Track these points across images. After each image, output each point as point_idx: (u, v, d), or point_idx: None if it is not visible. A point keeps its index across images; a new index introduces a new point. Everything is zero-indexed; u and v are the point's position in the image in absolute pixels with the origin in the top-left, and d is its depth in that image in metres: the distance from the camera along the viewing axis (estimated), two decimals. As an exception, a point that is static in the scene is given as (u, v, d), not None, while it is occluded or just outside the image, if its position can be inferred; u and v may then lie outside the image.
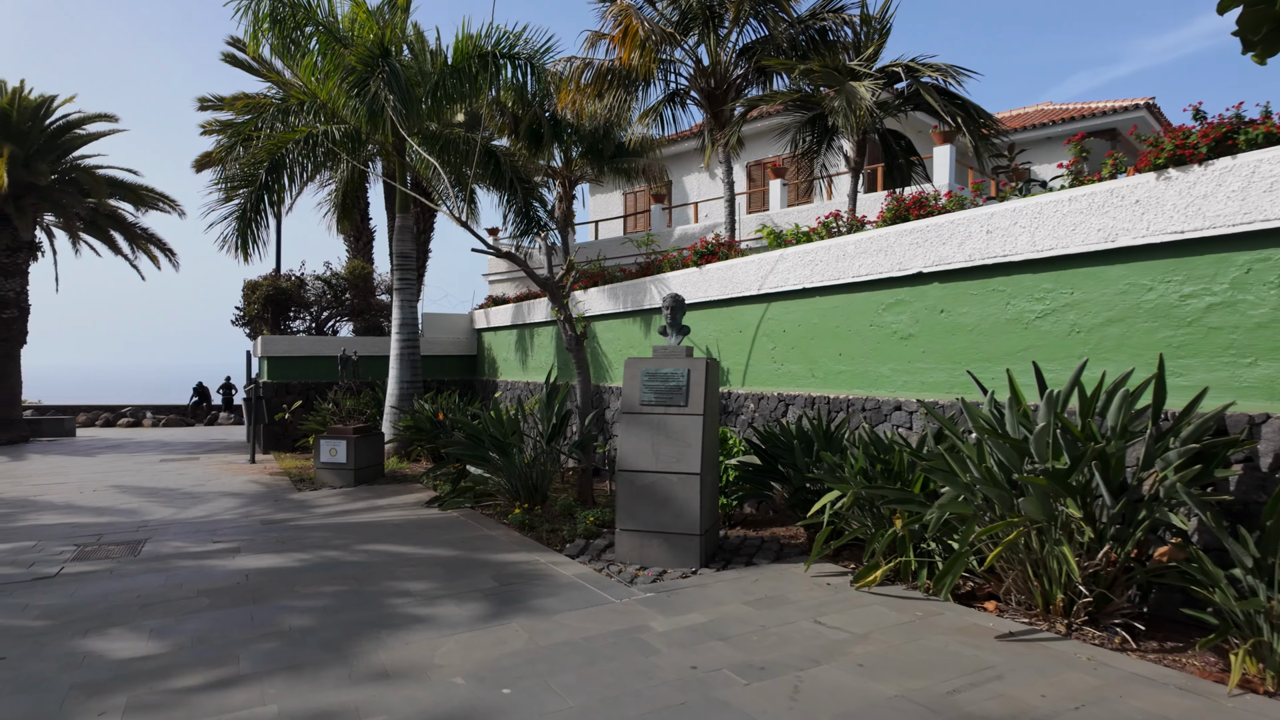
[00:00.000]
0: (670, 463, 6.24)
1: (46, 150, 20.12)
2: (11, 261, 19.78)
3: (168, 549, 7.39)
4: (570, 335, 9.50)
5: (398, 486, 11.27)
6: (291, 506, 9.72)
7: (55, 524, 8.74)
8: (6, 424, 19.48)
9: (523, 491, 9.06)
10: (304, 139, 12.89)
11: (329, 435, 11.64)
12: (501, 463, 9.00)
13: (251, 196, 12.56)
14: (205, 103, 20.97)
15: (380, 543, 7.45)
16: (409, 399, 13.95)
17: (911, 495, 5.27)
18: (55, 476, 12.84)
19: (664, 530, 6.22)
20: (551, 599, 5.38)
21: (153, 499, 10.44)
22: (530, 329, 15.54)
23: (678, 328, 6.72)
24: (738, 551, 6.58)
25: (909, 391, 6.89)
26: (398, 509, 9.40)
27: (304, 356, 16.69)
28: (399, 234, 14.28)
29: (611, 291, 11.95)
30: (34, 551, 7.31)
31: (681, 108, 12.38)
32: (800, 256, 8.02)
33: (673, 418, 6.29)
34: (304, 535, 7.88)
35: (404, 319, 14.22)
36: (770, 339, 8.59)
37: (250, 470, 13.38)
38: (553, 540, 7.39)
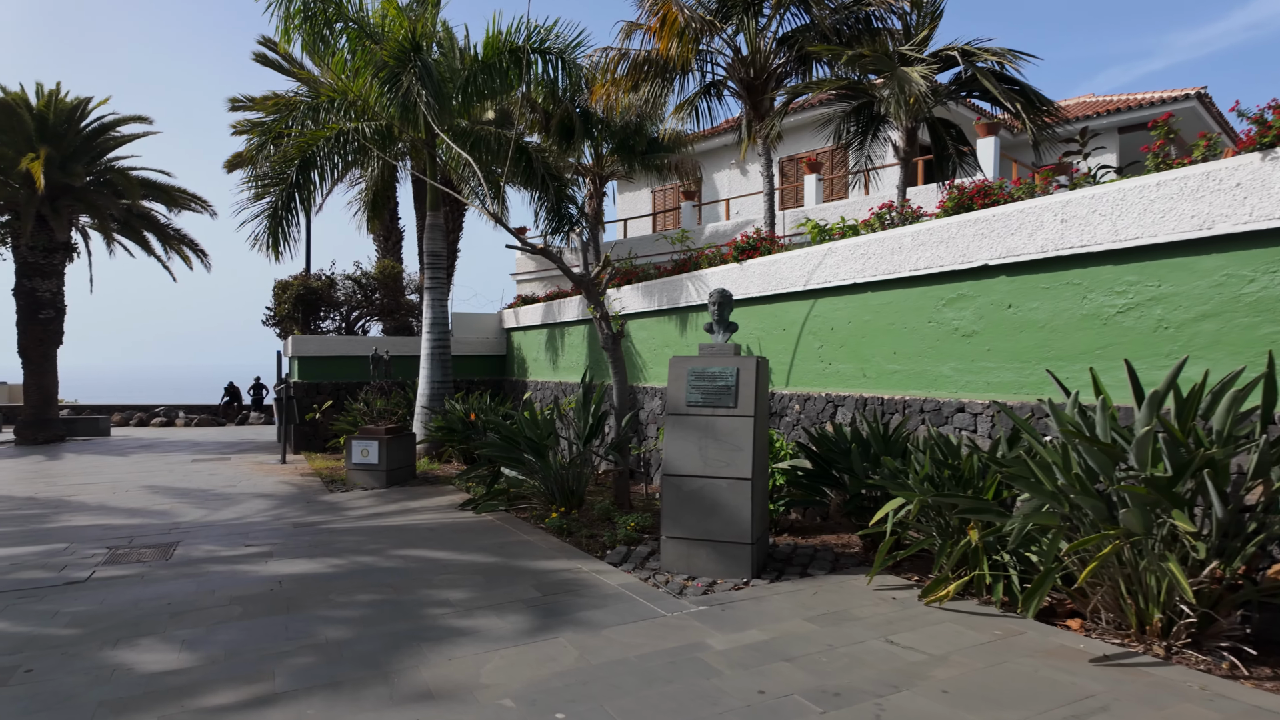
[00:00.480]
0: (719, 467, 5.91)
1: (82, 152, 20.32)
2: (48, 263, 19.99)
3: (199, 553, 7.21)
4: (606, 334, 9.21)
5: (430, 488, 11.06)
6: (323, 509, 9.54)
7: (87, 525, 8.63)
8: (43, 423, 19.69)
9: (558, 495, 8.79)
10: (335, 136, 12.75)
11: (361, 436, 11.47)
12: (537, 465, 8.73)
13: (283, 194, 12.44)
14: (236, 103, 21.07)
15: (415, 548, 7.21)
16: (440, 399, 13.76)
17: (987, 504, 4.88)
18: (89, 476, 12.84)
19: (712, 538, 5.89)
20: (598, 611, 5.07)
21: (184, 500, 10.33)
22: (561, 328, 15.29)
23: (725, 325, 6.38)
24: (789, 561, 6.23)
25: (972, 392, 6.48)
26: (431, 512, 9.17)
27: (334, 356, 16.61)
28: (430, 232, 14.10)
29: (646, 289, 11.64)
30: (66, 554, 7.17)
31: (718, 99, 12.03)
32: (850, 250, 7.64)
33: (721, 419, 5.96)
34: (336, 539, 7.67)
35: (435, 318, 14.04)
36: (816, 337, 8.22)
37: (281, 471, 13.27)
38: (592, 546, 7.09)
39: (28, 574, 6.47)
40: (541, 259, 24.45)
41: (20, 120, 19.05)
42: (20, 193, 19.16)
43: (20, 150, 18.85)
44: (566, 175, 14.34)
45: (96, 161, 20.83)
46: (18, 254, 19.75)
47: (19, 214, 19.33)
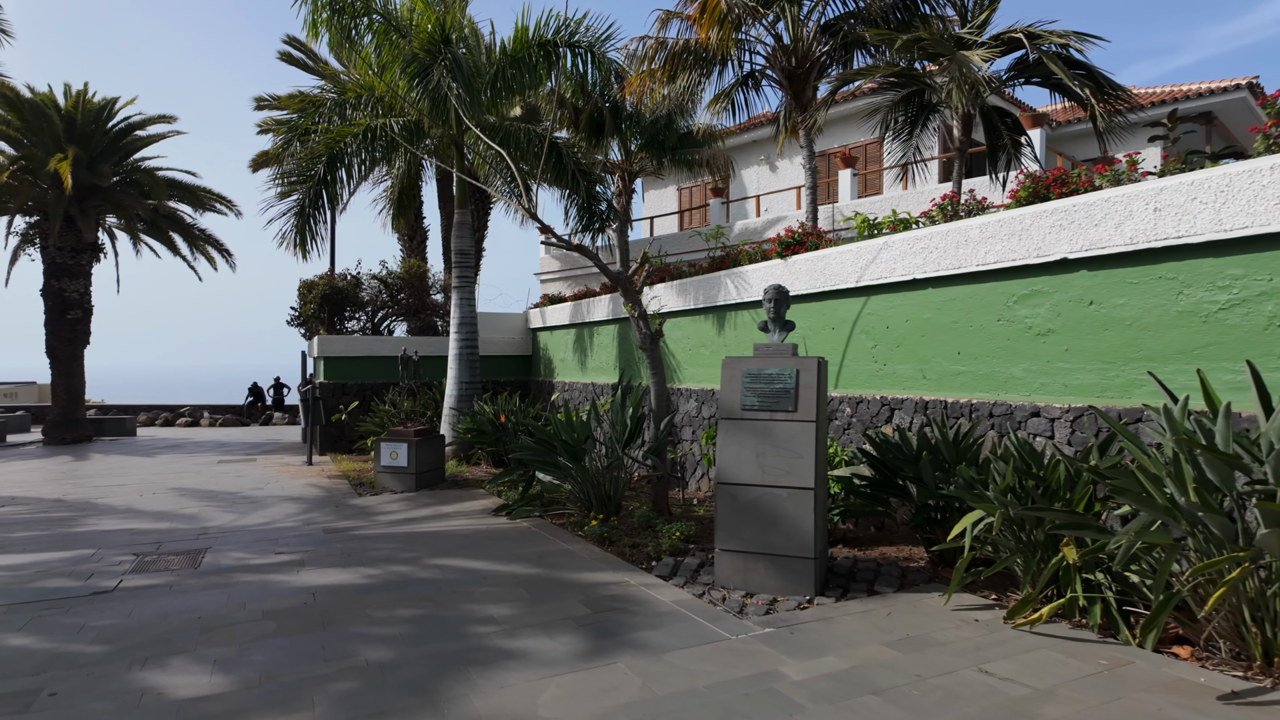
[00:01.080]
0: (778, 475, 5.52)
1: (109, 152, 20.32)
2: (75, 263, 20.01)
3: (229, 560, 6.94)
4: (645, 333, 8.84)
5: (460, 492, 10.77)
6: (353, 513, 9.27)
7: (115, 530, 8.42)
8: (71, 423, 19.70)
9: (595, 501, 8.44)
10: (362, 132, 12.51)
11: (389, 438, 11.20)
12: (573, 470, 8.39)
13: (310, 192, 12.22)
14: (261, 102, 20.99)
15: (451, 557, 6.89)
16: (468, 400, 13.48)
17: (1084, 519, 4.45)
18: (116, 478, 12.70)
19: (771, 552, 5.50)
20: (655, 632, 4.71)
21: (212, 503, 10.11)
22: (589, 328, 14.95)
23: (781, 323, 5.99)
24: (852, 576, 5.82)
25: (1048, 395, 6.04)
26: (464, 517, 8.86)
27: (360, 357, 16.40)
28: (458, 230, 13.82)
29: (681, 287, 11.27)
30: (93, 561, 6.94)
31: (755, 91, 11.64)
32: (909, 244, 7.22)
33: (780, 424, 5.57)
34: (369, 547, 7.37)
35: (463, 318, 13.76)
36: (870, 336, 7.80)
37: (308, 473, 13.06)
38: (636, 557, 6.73)
39: (54, 582, 6.23)
40: (567, 257, 24.17)
41: (48, 121, 19.07)
42: (49, 193, 19.18)
43: (48, 150, 18.87)
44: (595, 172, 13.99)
45: (123, 162, 20.83)
46: (46, 254, 19.79)
47: (47, 214, 19.35)
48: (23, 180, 18.88)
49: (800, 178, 20.27)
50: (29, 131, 19.07)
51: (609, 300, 13.93)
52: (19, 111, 18.90)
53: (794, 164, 20.43)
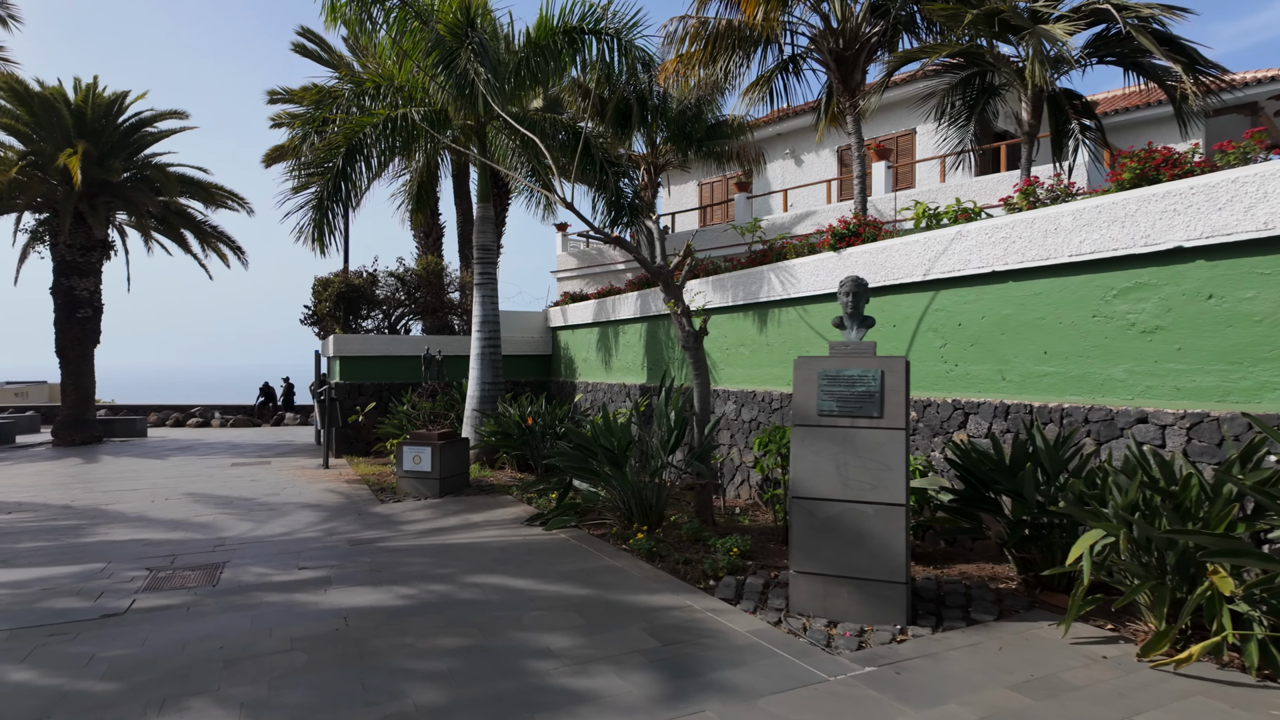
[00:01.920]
0: (863, 489, 4.95)
1: (119, 148, 19.89)
2: (85, 260, 19.59)
3: (249, 576, 6.41)
4: (688, 331, 8.28)
5: (487, 499, 10.23)
6: (378, 522, 8.73)
7: (126, 540, 7.91)
8: (81, 424, 19.28)
9: (636, 511, 7.88)
10: (382, 122, 11.99)
11: (412, 441, 10.67)
12: (614, 477, 7.83)
13: (328, 184, 11.71)
14: (275, 95, 20.55)
15: (490, 573, 6.34)
16: (492, 402, 12.94)
17: (1242, 544, 3.86)
18: (127, 482, 12.22)
19: (855, 575, 4.93)
20: (739, 671, 4.14)
21: (227, 510, 9.61)
22: (614, 326, 14.40)
23: (859, 319, 5.42)
24: (940, 601, 5.25)
25: (1157, 399, 5.45)
26: (495, 528, 8.31)
27: (377, 356, 15.89)
28: (480, 225, 13.29)
29: (718, 283, 10.70)
30: (103, 577, 6.42)
31: (795, 76, 11.06)
32: (987, 234, 6.63)
33: (863, 432, 5.00)
34: (400, 561, 6.84)
35: (485, 316, 13.23)
36: (938, 334, 7.22)
37: (325, 477, 12.55)
38: (691, 575, 6.17)
39: (61, 603, 5.71)
40: (585, 255, 23.62)
41: (58, 115, 18.64)
42: (58, 189, 18.76)
43: (58, 146, 18.44)
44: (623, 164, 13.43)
45: (134, 157, 20.39)
46: (55, 252, 19.37)
47: (57, 211, 18.93)
48: (32, 176, 18.44)
49: (827, 171, 19.67)
50: (38, 126, 18.66)
51: (636, 298, 13.38)
52: (28, 106, 18.48)
53: (820, 158, 19.83)
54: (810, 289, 8.83)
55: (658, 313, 12.58)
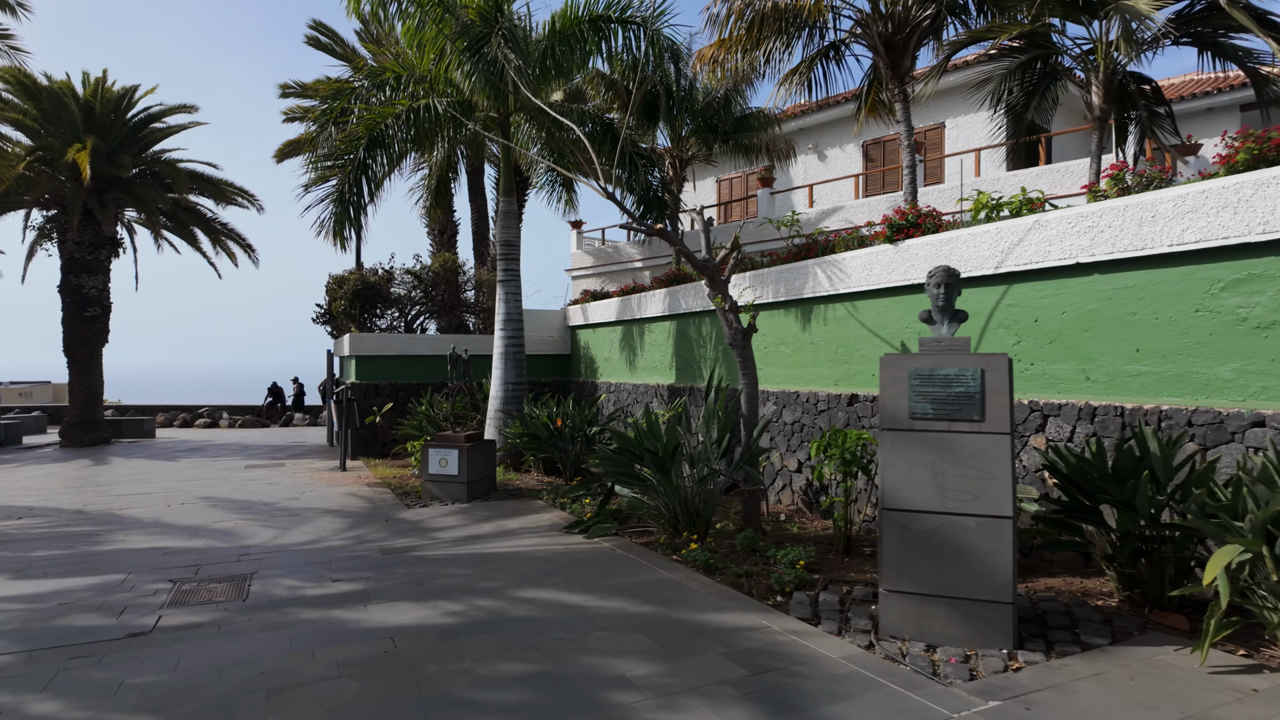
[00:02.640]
0: (963, 500, 4.51)
1: (129, 143, 19.51)
2: (94, 258, 19.21)
3: (280, 589, 5.99)
4: (736, 329, 7.84)
5: (517, 504, 9.80)
6: (407, 529, 8.31)
7: (145, 549, 7.49)
8: (89, 425, 18.89)
9: (683, 518, 7.45)
10: (405, 113, 11.57)
11: (437, 444, 10.24)
12: (660, 483, 7.39)
13: (349, 176, 11.29)
14: (287, 89, 20.17)
15: (539, 587, 5.91)
16: (516, 402, 12.52)
17: None
18: (139, 485, 11.81)
19: (955, 595, 4.49)
20: (847, 705, 3.71)
21: (248, 516, 9.19)
22: (640, 325, 13.97)
23: (950, 312, 4.98)
24: (1041, 621, 4.81)
25: (1273, 401, 5.00)
26: (533, 535, 7.88)
27: (394, 356, 15.47)
28: (503, 219, 12.88)
29: (756, 278, 10.26)
30: (124, 590, 6.00)
31: (837, 64, 10.61)
32: (1069, 224, 6.19)
33: (963, 437, 4.56)
34: (439, 572, 6.41)
35: (509, 313, 12.81)
36: (1011, 331, 6.77)
37: (344, 480, 12.13)
38: (756, 590, 5.74)
39: (82, 619, 5.29)
40: (601, 252, 23.19)
41: (66, 110, 18.27)
42: (67, 185, 18.38)
43: (66, 141, 18.06)
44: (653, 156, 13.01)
45: (143, 153, 20.01)
46: (64, 249, 18.99)
47: (65, 207, 18.55)
48: (40, 172, 18.07)
49: (852, 166, 19.22)
50: (46, 121, 18.28)
51: (664, 294, 12.95)
52: (36, 100, 18.10)
53: (845, 152, 19.38)
54: (862, 284, 8.39)
55: (688, 310, 12.15)
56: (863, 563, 6.54)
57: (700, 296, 11.76)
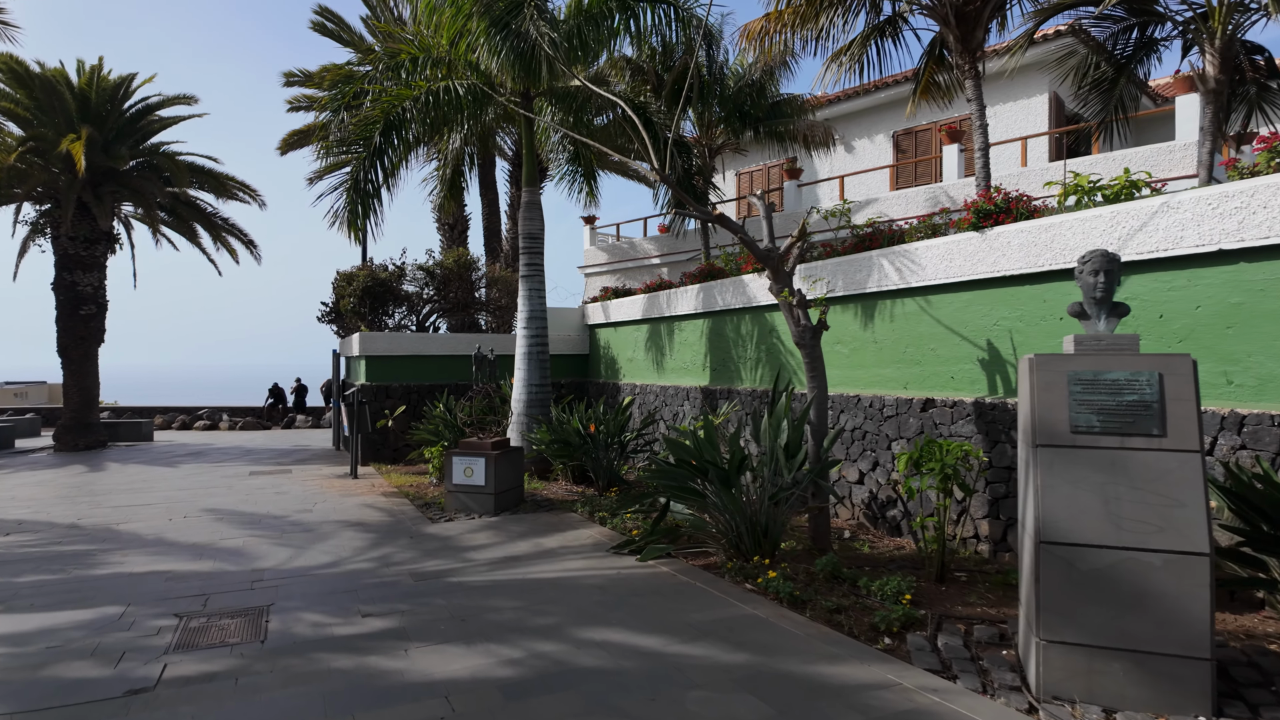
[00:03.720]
0: (1144, 533, 3.72)
1: (125, 134, 18.68)
2: (89, 254, 18.39)
3: (303, 627, 5.19)
4: (803, 325, 7.04)
5: (551, 518, 9.00)
6: (436, 548, 7.50)
7: (145, 573, 6.68)
8: (84, 428, 18.06)
9: (748, 539, 6.65)
10: (424, 95, 10.75)
11: (462, 451, 9.44)
12: (724, 500, 6.59)
13: (364, 163, 10.48)
14: (292, 78, 19.31)
15: (604, 624, 5.11)
16: (542, 405, 11.72)
17: None
18: (137, 494, 10.99)
19: (1135, 647, 3.71)
20: (1047, 802, 2.91)
21: (257, 531, 8.38)
22: (669, 323, 13.17)
23: (1110, 305, 4.18)
24: (1224, 674, 4.01)
25: None
26: (578, 557, 7.08)
27: (406, 356, 14.65)
28: (526, 210, 12.07)
29: (809, 271, 9.47)
30: (122, 627, 5.19)
31: (894, 40, 9.81)
32: (1209, 204, 5.40)
33: (1140, 455, 3.78)
34: (484, 604, 5.60)
35: (532, 310, 12.01)
36: (1126, 328, 5.98)
37: (358, 488, 11.32)
38: (858, 629, 4.94)
39: (74, 669, 4.48)
40: (616, 249, 22.38)
41: (60, 98, 17.42)
42: (60, 177, 17.53)
43: (60, 131, 17.22)
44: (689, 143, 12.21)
45: (141, 144, 19.18)
46: (58, 245, 18.16)
47: (59, 201, 17.70)
48: (32, 163, 17.21)
49: (882, 158, 18.43)
50: (39, 110, 17.44)
51: (697, 290, 12.15)
52: (28, 88, 17.26)
53: (875, 143, 18.59)
54: (939, 276, 7.60)
55: (726, 307, 11.35)
56: (965, 593, 5.75)
57: (740, 293, 10.97)
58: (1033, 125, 15.92)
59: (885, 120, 18.32)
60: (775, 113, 13.65)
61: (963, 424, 7.30)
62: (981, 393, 7.25)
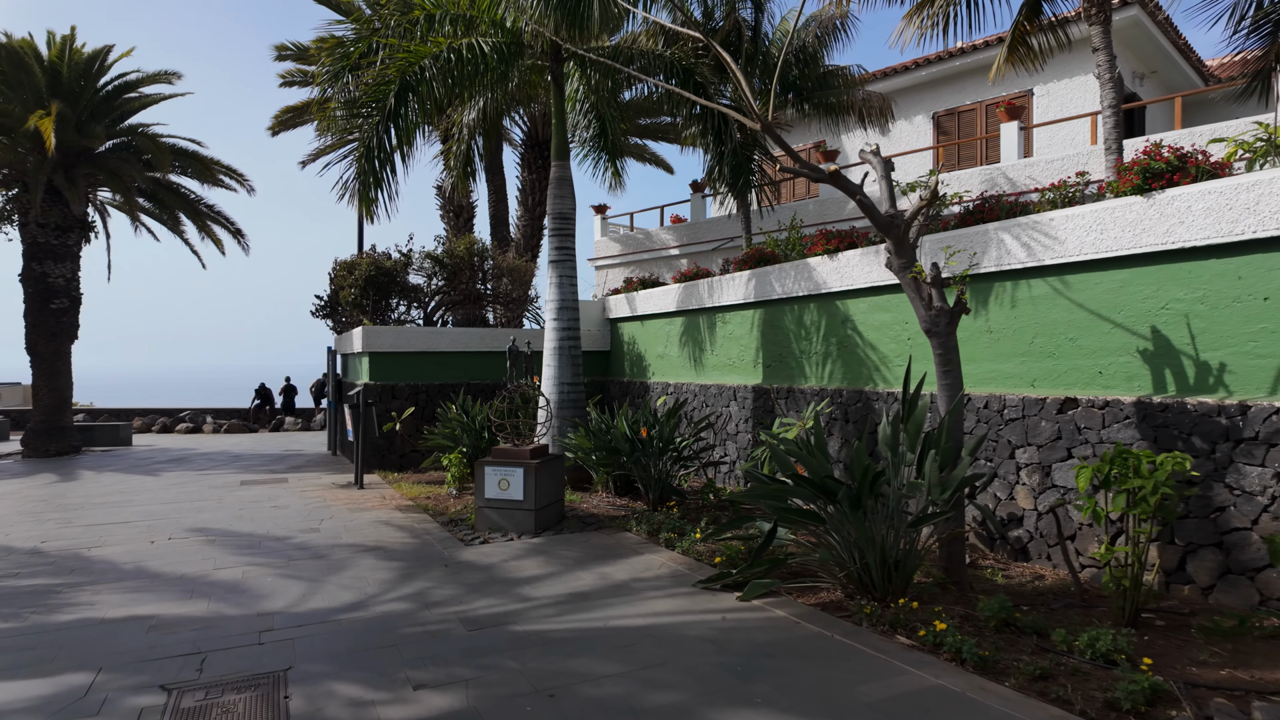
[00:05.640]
0: None
1: (101, 112, 17.12)
2: (61, 243, 16.83)
3: (337, 708, 3.84)
4: (939, 309, 5.78)
5: (603, 538, 7.68)
6: (481, 580, 6.15)
7: (122, 619, 5.30)
8: (55, 432, 16.49)
9: (876, 572, 5.37)
10: (445, 52, 9.38)
11: (497, 460, 8.10)
12: (852, 524, 5.30)
13: (377, 128, 9.10)
14: (284, 51, 17.84)
15: (747, 706, 3.79)
16: (576, 407, 10.40)
17: None
18: (114, 510, 9.55)
19: None
20: None
21: (258, 558, 6.99)
22: (711, 315, 11.88)
23: None
24: None
25: None
26: (658, 593, 5.76)
27: (415, 352, 13.26)
28: (557, 187, 10.74)
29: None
30: (87, 710, 3.82)
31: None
32: None
33: None
34: (571, 669, 4.27)
35: (563, 300, 10.68)
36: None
37: (367, 501, 9.94)
38: (1088, 707, 3.68)
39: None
40: (630, 240, 21.06)
41: (28, 72, 15.85)
42: (29, 158, 15.97)
43: (28, 107, 15.66)
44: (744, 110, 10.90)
45: (118, 124, 17.62)
46: (26, 233, 16.59)
47: (27, 184, 16.13)
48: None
49: (920, 140, 17.24)
50: (4, 84, 15.88)
51: (748, 277, 10.88)
52: (-8, 60, 15.69)
53: (914, 125, 17.41)
54: (1082, 252, 6.37)
55: (786, 295, 10.08)
56: (1184, 647, 4.50)
57: (805, 278, 9.70)
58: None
59: (925, 100, 17.15)
60: (824, 84, 12.41)
61: (1119, 429, 6.06)
62: (1144, 390, 6.01)
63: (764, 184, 10.92)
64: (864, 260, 8.74)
